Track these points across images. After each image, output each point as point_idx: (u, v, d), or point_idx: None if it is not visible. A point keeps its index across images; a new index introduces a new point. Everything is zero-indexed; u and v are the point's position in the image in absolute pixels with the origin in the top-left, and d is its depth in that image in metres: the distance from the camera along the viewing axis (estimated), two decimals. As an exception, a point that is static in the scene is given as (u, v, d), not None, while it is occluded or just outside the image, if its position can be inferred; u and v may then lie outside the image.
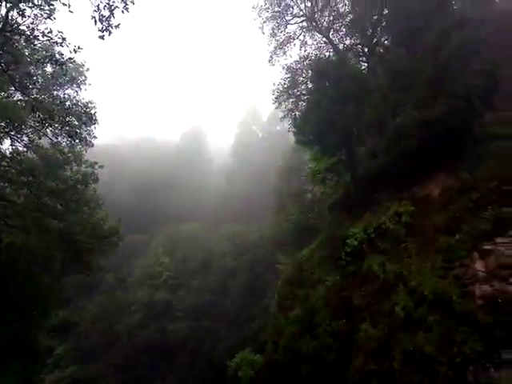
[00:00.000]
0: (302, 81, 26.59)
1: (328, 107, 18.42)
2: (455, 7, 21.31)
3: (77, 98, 19.57)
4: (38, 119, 16.12)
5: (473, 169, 14.40)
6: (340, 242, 16.83)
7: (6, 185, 16.03)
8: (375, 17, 22.71)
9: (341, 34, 25.96)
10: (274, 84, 26.79)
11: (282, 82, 26.59)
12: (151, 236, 58.90)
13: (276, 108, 28.64)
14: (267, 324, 24.76)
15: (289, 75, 26.49)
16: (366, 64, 24.15)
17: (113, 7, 12.71)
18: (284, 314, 18.57)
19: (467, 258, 11.87)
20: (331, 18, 25.99)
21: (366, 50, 24.28)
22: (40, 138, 17.12)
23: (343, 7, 25.93)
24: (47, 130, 16.79)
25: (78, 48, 13.94)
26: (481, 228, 12.05)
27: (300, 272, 19.20)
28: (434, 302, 11.68)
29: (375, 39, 23.46)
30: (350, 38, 25.47)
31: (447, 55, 15.74)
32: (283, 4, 26.12)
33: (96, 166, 18.11)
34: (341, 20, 25.71)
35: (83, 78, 21.35)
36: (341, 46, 25.69)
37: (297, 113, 25.39)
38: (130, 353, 42.96)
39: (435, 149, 15.46)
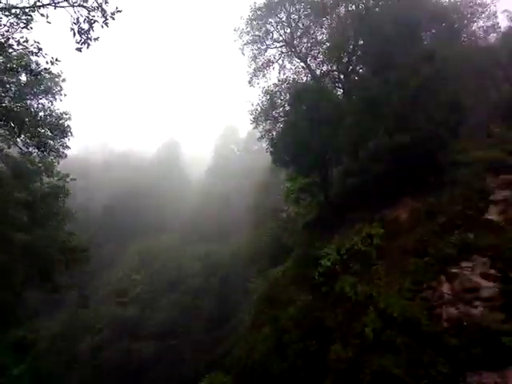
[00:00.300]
0: (280, 103, 27.20)
1: (304, 130, 18.90)
2: (425, 42, 22.74)
3: (51, 108, 19.13)
4: (8, 128, 15.62)
5: (439, 194, 15.09)
6: (313, 261, 16.96)
7: (-30, 194, 15.29)
8: (351, 46, 23.75)
9: (318, 60, 26.91)
10: (252, 105, 27.28)
11: (261, 104, 27.11)
12: (128, 247, 57.45)
13: (254, 128, 29.02)
14: (237, 344, 24.36)
15: (267, 97, 27.05)
16: (341, 90, 25.06)
17: (92, 21, 12.69)
18: (258, 330, 18.37)
19: (435, 280, 12.27)
20: (309, 45, 26.96)
21: (341, 76, 25.24)
22: (9, 147, 16.53)
23: (321, 35, 26.99)
24: (17, 139, 16.27)
25: (56, 60, 13.76)
26: (447, 252, 12.54)
27: (272, 291, 19.14)
28: (402, 324, 11.91)
29: (351, 67, 24.48)
30: (327, 65, 26.43)
31: (417, 87, 16.63)
32: (264, 29, 26.91)
33: (68, 179, 17.59)
34: (318, 47, 26.71)
35: (59, 88, 20.93)
36: (318, 72, 26.60)
37: (274, 133, 25.84)
38: (93, 372, 40.99)
39: (405, 173, 16.13)
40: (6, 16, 14.41)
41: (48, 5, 13.43)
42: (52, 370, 43.86)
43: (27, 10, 14.59)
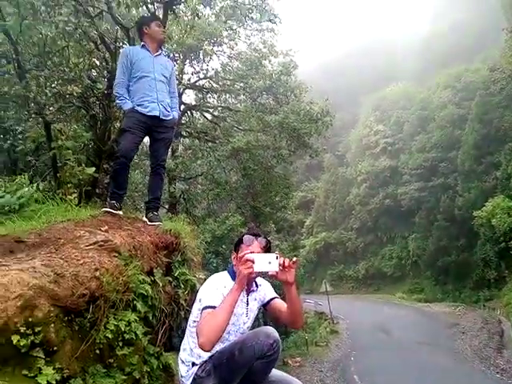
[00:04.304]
0: None
1: None
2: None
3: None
4: (230, 29, 16.96)
5: None
6: None
7: (228, 96, 18.33)
8: None
9: None
10: None
11: None
12: (358, 108, 57.67)
13: None
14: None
15: None
16: None
17: None
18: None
19: None
20: None
21: None
22: (236, 44, 18.10)
23: None
24: (240, 33, 17.53)
25: None
26: None
27: None
28: None
29: None
30: None
31: None
32: None
33: (292, 52, 18.01)
34: None
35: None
36: None
37: None
38: (365, 218, 46.61)
39: None
40: None
41: None
42: (332, 218, 52.79)
43: None
